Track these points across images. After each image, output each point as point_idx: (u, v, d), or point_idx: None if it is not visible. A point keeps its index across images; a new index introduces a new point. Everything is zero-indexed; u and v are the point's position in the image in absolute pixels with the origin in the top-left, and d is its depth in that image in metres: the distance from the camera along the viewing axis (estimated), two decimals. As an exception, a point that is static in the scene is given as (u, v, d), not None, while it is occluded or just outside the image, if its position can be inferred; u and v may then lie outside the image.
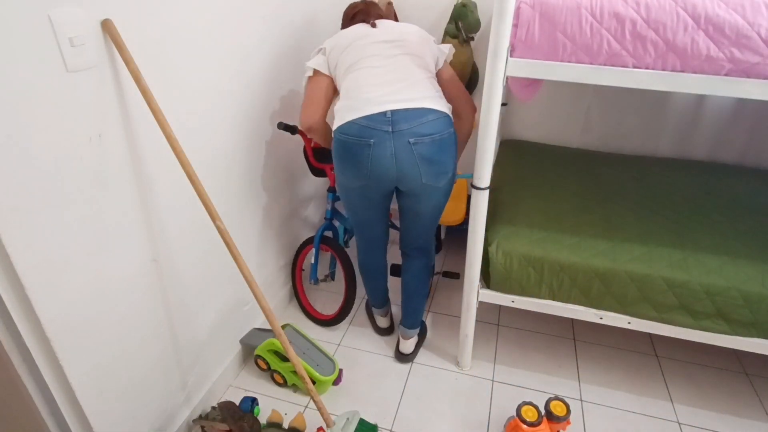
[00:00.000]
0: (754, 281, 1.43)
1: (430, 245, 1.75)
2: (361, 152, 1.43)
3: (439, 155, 1.44)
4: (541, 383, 1.76)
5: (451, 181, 1.54)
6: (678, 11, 1.15)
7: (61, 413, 1.11)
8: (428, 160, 1.43)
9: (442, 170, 1.48)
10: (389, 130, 1.40)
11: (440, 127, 1.43)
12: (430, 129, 1.41)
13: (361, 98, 1.44)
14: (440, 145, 1.44)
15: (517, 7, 1.23)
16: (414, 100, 1.43)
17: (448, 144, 1.46)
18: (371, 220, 1.67)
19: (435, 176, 1.47)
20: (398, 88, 1.44)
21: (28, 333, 1.00)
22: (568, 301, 1.59)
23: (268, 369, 1.73)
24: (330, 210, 2.00)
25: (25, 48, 0.89)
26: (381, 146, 1.41)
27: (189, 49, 1.30)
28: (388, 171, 1.45)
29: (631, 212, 1.75)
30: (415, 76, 1.47)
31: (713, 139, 2.24)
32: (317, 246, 1.96)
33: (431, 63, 1.56)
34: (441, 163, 1.46)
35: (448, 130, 1.45)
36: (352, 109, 1.44)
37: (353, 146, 1.43)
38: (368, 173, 1.46)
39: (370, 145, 1.42)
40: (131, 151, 1.15)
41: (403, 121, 1.40)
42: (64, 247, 1.02)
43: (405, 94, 1.43)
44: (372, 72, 1.48)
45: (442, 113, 1.44)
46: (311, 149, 1.90)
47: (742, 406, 1.67)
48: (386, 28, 1.56)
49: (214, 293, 1.59)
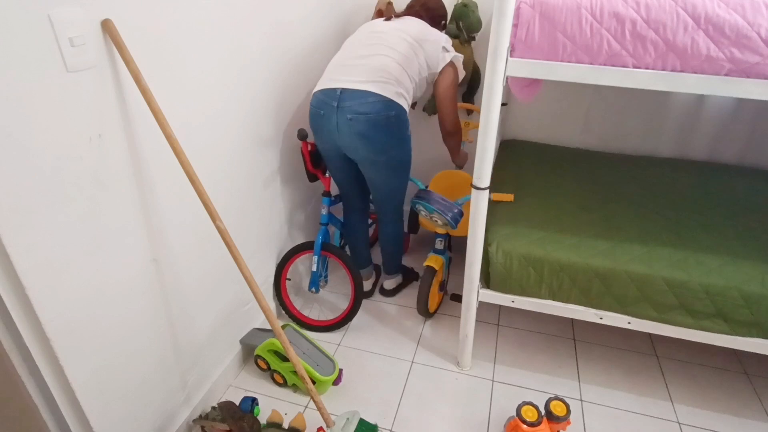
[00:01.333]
0: (754, 281, 1.43)
1: (392, 214, 1.97)
2: (317, 121, 1.73)
3: (373, 133, 1.65)
4: (541, 383, 1.76)
5: (393, 160, 1.75)
6: (678, 11, 1.15)
7: (61, 413, 1.11)
8: (362, 135, 1.66)
9: (378, 148, 1.69)
10: (335, 105, 1.65)
11: (377, 108, 1.62)
12: (366, 108, 1.62)
13: (327, 74, 1.73)
14: (375, 124, 1.64)
15: (517, 7, 1.23)
16: (362, 83, 1.64)
17: (383, 125, 1.65)
18: (342, 182, 1.96)
19: (372, 152, 1.70)
20: (356, 71, 1.66)
21: (28, 333, 1.00)
22: (568, 301, 1.59)
23: (268, 369, 1.73)
24: (326, 215, 1.97)
25: (25, 48, 0.88)
26: (328, 118, 1.68)
27: (189, 48, 1.30)
28: (335, 140, 1.72)
29: (631, 212, 1.75)
30: (376, 64, 1.66)
31: (713, 139, 2.24)
32: (318, 252, 1.93)
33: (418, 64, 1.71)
34: (375, 141, 1.67)
35: (386, 113, 1.63)
36: (320, 82, 1.73)
37: (313, 114, 1.74)
38: (323, 139, 1.76)
39: (321, 116, 1.70)
40: (131, 151, 1.15)
41: (348, 99, 1.63)
42: (64, 247, 1.02)
43: (358, 77, 1.65)
44: (344, 54, 1.74)
45: (383, 98, 1.63)
46: (309, 153, 1.88)
47: (742, 406, 1.67)
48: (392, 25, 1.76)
49: (214, 293, 1.59)
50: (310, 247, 1.94)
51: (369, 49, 1.71)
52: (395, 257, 2.12)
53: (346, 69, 1.69)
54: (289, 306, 2.02)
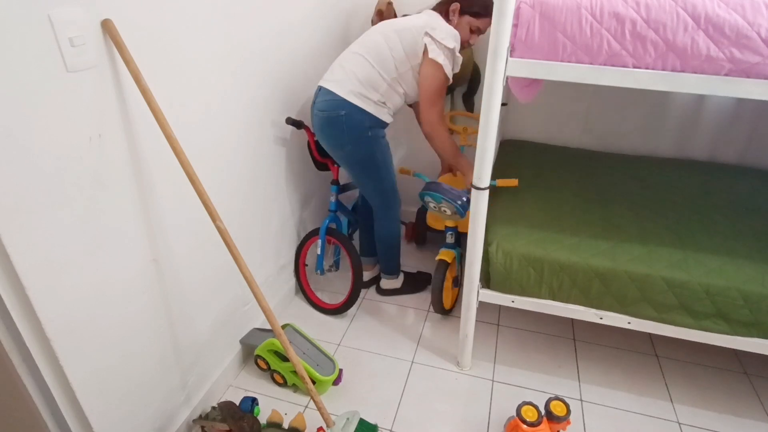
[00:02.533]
0: (754, 281, 1.43)
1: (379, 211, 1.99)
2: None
3: (326, 129, 1.77)
4: (541, 383, 1.76)
5: (351, 157, 1.81)
6: (678, 11, 1.15)
7: (61, 413, 1.11)
8: (320, 130, 1.80)
9: (332, 143, 1.80)
10: (313, 101, 1.81)
11: (329, 106, 1.73)
12: (321, 106, 1.75)
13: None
14: (327, 121, 1.75)
15: (517, 7, 1.23)
16: (328, 82, 1.75)
17: (334, 122, 1.74)
18: None
19: (330, 147, 1.83)
20: (331, 71, 1.78)
21: (28, 333, 1.00)
22: (568, 301, 1.59)
23: (268, 369, 1.73)
24: (334, 202, 2.04)
25: (25, 48, 0.88)
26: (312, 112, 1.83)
27: (189, 48, 1.30)
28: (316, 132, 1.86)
29: (631, 212, 1.75)
30: (350, 67, 1.73)
31: (713, 139, 2.24)
32: (323, 237, 2.00)
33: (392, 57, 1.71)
34: (329, 137, 1.79)
35: (337, 112, 1.72)
36: None
37: None
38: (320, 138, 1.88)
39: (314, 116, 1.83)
40: (131, 151, 1.15)
41: (319, 96, 1.78)
42: (64, 247, 1.02)
43: (330, 74, 1.78)
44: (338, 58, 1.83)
45: (335, 96, 1.72)
46: (315, 143, 1.95)
47: (742, 406, 1.67)
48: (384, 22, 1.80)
49: (214, 293, 1.59)
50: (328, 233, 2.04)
51: (353, 46, 1.78)
52: (387, 257, 2.11)
53: (331, 68, 1.81)
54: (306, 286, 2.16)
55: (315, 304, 2.13)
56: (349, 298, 2.03)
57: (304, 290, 2.16)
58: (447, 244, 2.02)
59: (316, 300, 2.13)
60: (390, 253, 2.10)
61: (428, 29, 1.66)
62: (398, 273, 2.18)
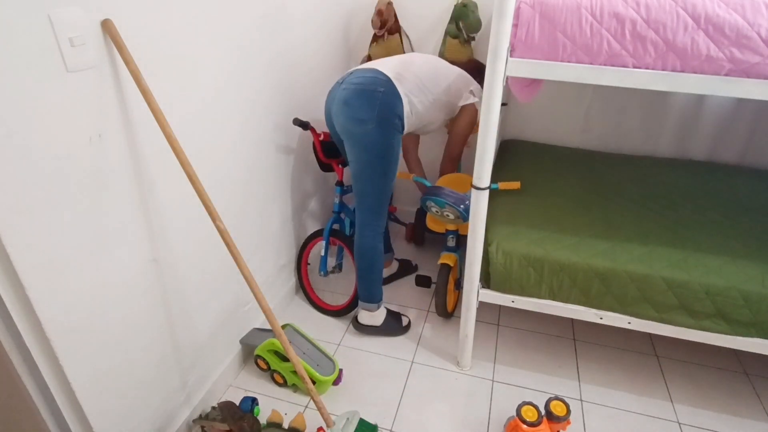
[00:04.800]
0: (754, 281, 1.43)
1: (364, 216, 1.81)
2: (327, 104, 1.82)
3: (355, 99, 1.66)
4: (541, 383, 1.76)
5: (367, 137, 1.68)
6: (678, 11, 1.15)
7: (61, 413, 1.11)
8: (344, 102, 1.68)
9: (359, 115, 1.66)
10: (341, 82, 1.74)
11: (368, 81, 1.66)
12: (359, 80, 1.68)
13: None
14: (360, 92, 1.65)
15: (517, 7, 1.23)
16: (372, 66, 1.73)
17: (368, 95, 1.64)
18: None
19: (349, 120, 1.68)
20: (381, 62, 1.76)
21: (28, 333, 1.00)
22: (568, 301, 1.59)
23: (268, 369, 1.73)
24: (338, 203, 2.03)
25: (25, 48, 0.88)
26: (331, 98, 1.77)
27: (189, 48, 1.30)
28: (330, 116, 1.79)
29: (631, 212, 1.75)
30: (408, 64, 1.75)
31: (713, 139, 2.24)
32: (327, 238, 2.00)
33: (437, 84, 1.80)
34: (355, 107, 1.66)
35: (375, 87, 1.64)
36: None
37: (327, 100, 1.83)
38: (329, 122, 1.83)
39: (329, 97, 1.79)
40: (131, 151, 1.15)
41: (353, 75, 1.71)
42: (64, 247, 1.02)
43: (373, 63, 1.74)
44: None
45: (381, 74, 1.67)
46: (320, 144, 1.94)
47: (742, 406, 1.67)
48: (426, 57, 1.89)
49: (214, 293, 1.59)
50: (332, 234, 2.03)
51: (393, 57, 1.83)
52: (369, 278, 1.86)
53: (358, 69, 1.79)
54: (308, 287, 2.15)
55: (317, 305, 2.13)
56: (353, 300, 2.02)
57: (306, 291, 2.16)
58: (448, 247, 2.02)
59: (318, 301, 2.13)
60: (372, 274, 1.86)
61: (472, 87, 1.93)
62: (380, 302, 1.93)
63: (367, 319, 1.94)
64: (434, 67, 1.82)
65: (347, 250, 2.00)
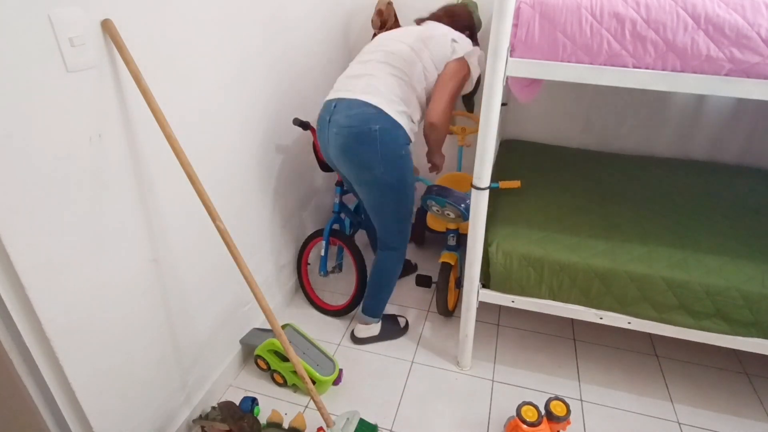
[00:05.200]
0: (754, 281, 1.43)
1: (388, 239, 1.75)
2: (318, 135, 1.65)
3: (354, 148, 1.51)
4: (541, 383, 1.76)
5: (379, 181, 1.56)
6: (678, 11, 1.15)
7: (61, 413, 1.11)
8: (343, 150, 1.53)
9: (358, 163, 1.53)
10: (328, 119, 1.56)
11: (358, 120, 1.48)
12: (349, 121, 1.50)
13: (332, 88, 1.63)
14: (356, 137, 1.49)
15: (517, 7, 1.23)
16: (354, 93, 1.52)
17: (366, 139, 1.49)
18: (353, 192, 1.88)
19: (355, 168, 1.55)
20: (353, 83, 1.55)
21: (28, 333, 1.00)
22: (568, 301, 1.59)
23: (268, 369, 1.73)
24: (338, 203, 2.03)
25: (25, 48, 0.88)
26: (322, 133, 1.61)
27: (189, 48, 1.30)
28: (328, 156, 1.65)
29: (631, 212, 1.75)
30: (374, 75, 1.54)
31: (713, 139, 2.24)
32: (327, 238, 2.00)
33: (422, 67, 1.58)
34: (357, 156, 1.51)
35: (369, 126, 1.47)
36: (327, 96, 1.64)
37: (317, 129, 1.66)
38: (324, 153, 1.69)
39: (320, 131, 1.62)
40: (131, 151, 1.15)
41: (337, 112, 1.53)
42: (64, 247, 1.02)
43: (352, 86, 1.55)
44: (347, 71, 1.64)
45: (369, 109, 1.48)
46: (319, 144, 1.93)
47: (742, 406, 1.67)
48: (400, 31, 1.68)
49: (215, 293, 1.59)
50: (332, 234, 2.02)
51: (370, 56, 1.60)
52: (379, 296, 1.85)
53: (347, 80, 1.59)
54: (308, 288, 2.15)
55: (317, 305, 2.13)
56: (353, 300, 2.03)
57: (306, 291, 2.16)
58: (449, 246, 2.02)
59: (319, 301, 2.13)
60: (383, 293, 1.85)
61: (454, 37, 1.62)
62: (380, 317, 1.91)
63: (365, 332, 1.91)
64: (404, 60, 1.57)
65: (347, 250, 2.00)
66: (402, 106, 1.54)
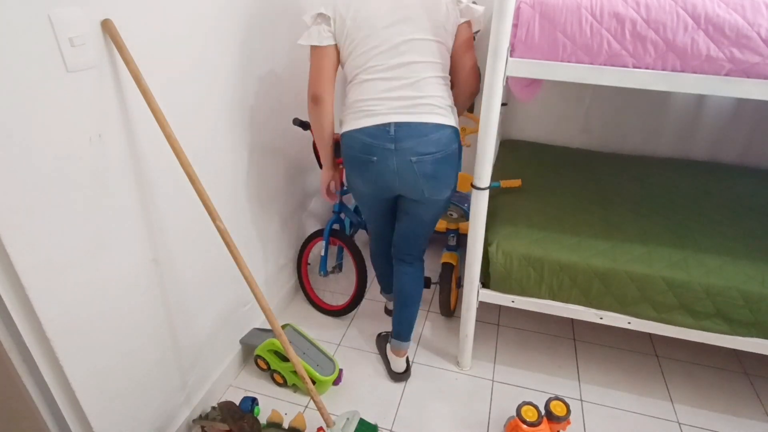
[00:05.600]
0: (754, 281, 1.43)
1: (423, 252, 1.71)
2: (366, 167, 1.44)
3: (441, 171, 1.43)
4: (541, 383, 1.76)
5: (453, 192, 1.52)
6: (678, 11, 1.15)
7: (61, 413, 1.11)
8: (430, 176, 1.42)
9: (445, 185, 1.46)
10: (392, 147, 1.38)
11: (443, 144, 1.39)
12: (432, 147, 1.38)
13: (366, 109, 1.40)
14: (443, 161, 1.41)
15: (517, 7, 1.23)
16: (418, 113, 1.37)
17: (450, 159, 1.43)
18: (377, 217, 1.67)
19: (437, 190, 1.46)
20: (402, 94, 1.37)
21: (28, 333, 1.00)
22: (568, 301, 1.59)
23: (268, 369, 1.73)
24: (338, 203, 2.03)
25: (25, 48, 0.88)
26: (384, 162, 1.41)
27: (190, 47, 1.30)
28: (391, 184, 1.46)
29: (631, 212, 1.75)
30: (420, 75, 1.37)
31: (713, 139, 2.24)
32: (327, 239, 1.99)
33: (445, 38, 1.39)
34: (443, 179, 1.44)
35: (452, 147, 1.41)
36: (358, 118, 1.41)
37: (358, 160, 1.44)
38: (373, 185, 1.48)
39: (373, 162, 1.41)
40: (131, 151, 1.15)
41: (407, 138, 1.37)
42: (64, 247, 1.02)
43: (409, 101, 1.37)
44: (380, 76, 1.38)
45: (447, 128, 1.39)
46: None
47: (742, 406, 1.67)
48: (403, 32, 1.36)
49: (214, 293, 1.59)
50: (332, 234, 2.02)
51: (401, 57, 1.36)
52: (416, 311, 1.73)
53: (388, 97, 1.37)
54: (308, 288, 2.14)
55: (317, 305, 2.13)
56: (353, 300, 2.02)
57: (306, 291, 2.16)
58: (449, 246, 2.02)
59: (318, 301, 2.13)
60: (416, 309, 1.74)
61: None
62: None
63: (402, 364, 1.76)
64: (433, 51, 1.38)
65: (347, 250, 2.00)
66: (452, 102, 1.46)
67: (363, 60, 1.38)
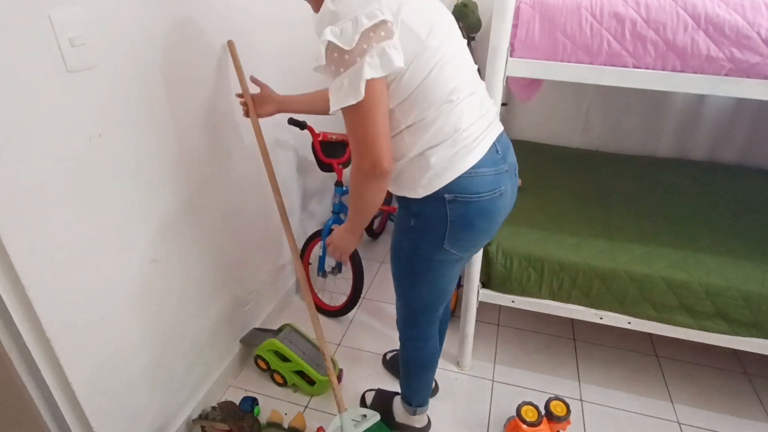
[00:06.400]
0: (754, 281, 1.43)
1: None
2: (495, 207, 1.07)
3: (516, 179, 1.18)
4: (541, 383, 1.76)
5: None
6: (678, 11, 1.15)
7: (61, 413, 1.11)
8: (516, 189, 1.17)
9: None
10: (506, 168, 1.08)
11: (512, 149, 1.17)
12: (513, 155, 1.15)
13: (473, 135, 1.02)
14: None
15: (517, 7, 1.23)
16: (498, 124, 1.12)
17: None
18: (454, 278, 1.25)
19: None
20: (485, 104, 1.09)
21: (28, 333, 1.00)
22: (568, 301, 1.59)
23: (268, 369, 1.73)
24: (338, 204, 2.02)
25: (25, 48, 0.88)
26: (507, 191, 1.09)
27: (189, 47, 1.30)
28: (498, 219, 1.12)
29: (631, 212, 1.75)
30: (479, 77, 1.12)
31: (713, 139, 2.24)
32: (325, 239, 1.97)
33: None
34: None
35: None
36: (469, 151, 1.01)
37: (485, 205, 1.05)
38: (497, 227, 1.13)
39: (501, 195, 1.07)
40: (131, 151, 1.15)
41: (507, 150, 1.11)
42: (64, 247, 1.02)
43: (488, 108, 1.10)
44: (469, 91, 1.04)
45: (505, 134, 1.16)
46: (319, 144, 1.93)
47: (742, 406, 1.67)
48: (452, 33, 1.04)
49: (215, 293, 1.59)
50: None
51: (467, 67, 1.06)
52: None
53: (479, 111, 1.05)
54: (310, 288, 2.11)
55: (317, 305, 2.12)
56: (350, 301, 2.02)
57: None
58: None
59: (318, 301, 2.13)
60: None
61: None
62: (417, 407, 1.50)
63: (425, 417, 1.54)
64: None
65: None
66: None
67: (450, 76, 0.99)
